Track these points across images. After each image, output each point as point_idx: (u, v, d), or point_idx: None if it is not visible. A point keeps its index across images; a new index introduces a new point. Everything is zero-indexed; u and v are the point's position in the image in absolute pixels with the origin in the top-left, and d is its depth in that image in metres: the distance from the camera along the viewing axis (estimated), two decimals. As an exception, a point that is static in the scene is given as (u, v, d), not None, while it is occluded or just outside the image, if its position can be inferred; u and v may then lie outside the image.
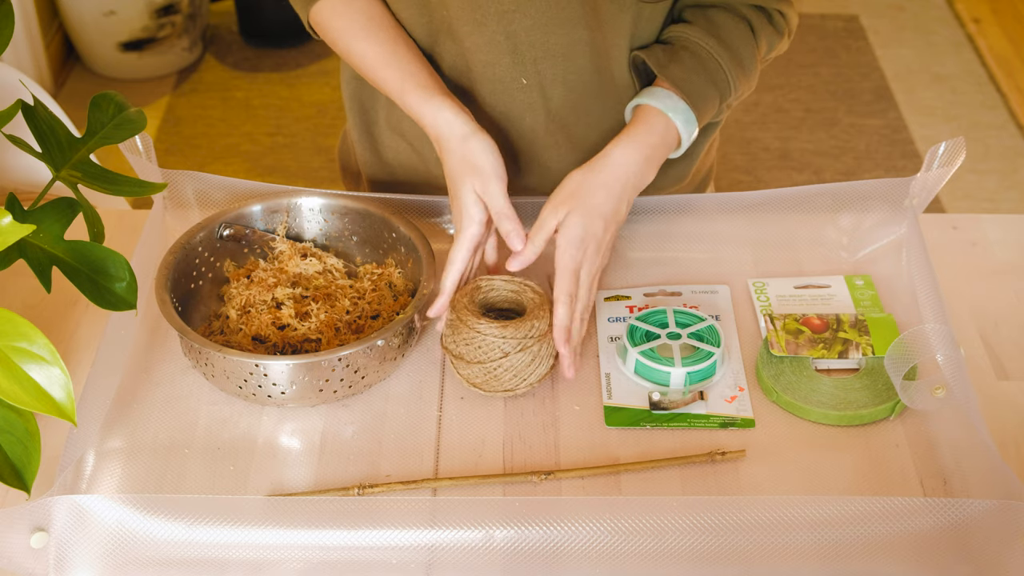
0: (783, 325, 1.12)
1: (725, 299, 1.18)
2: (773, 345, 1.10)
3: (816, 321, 1.12)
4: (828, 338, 1.10)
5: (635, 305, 1.17)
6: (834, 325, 1.12)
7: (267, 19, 3.28)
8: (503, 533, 0.93)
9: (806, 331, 1.11)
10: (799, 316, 1.13)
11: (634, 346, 1.09)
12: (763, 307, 1.17)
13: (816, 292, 1.18)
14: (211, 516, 0.93)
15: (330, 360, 1.02)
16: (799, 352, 1.09)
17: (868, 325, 1.12)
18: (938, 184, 1.19)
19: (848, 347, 1.10)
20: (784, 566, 0.93)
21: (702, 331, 1.11)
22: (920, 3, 3.59)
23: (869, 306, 1.16)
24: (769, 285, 1.19)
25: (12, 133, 1.03)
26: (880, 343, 1.10)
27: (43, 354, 0.85)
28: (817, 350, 1.09)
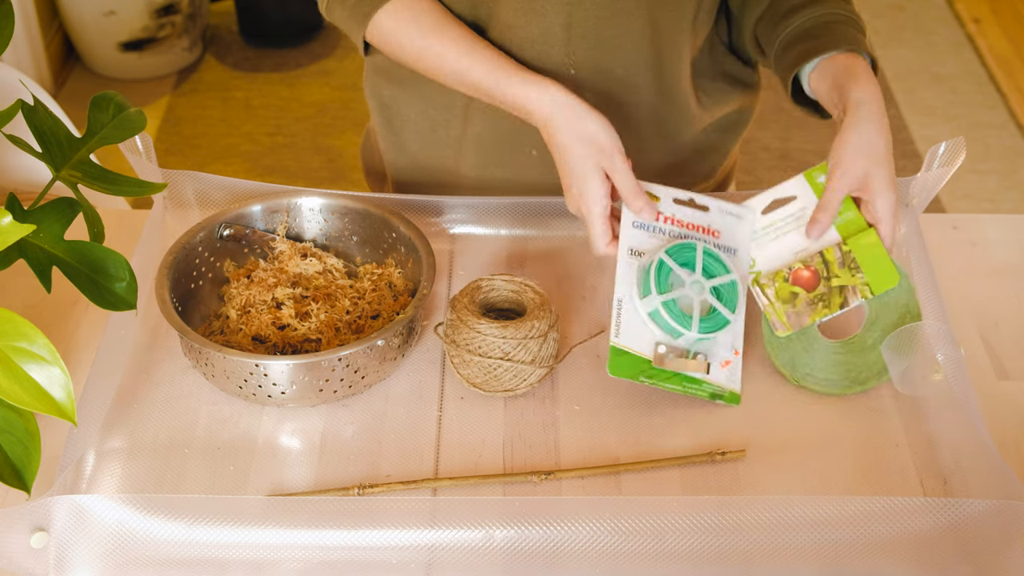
0: (776, 293, 1.07)
1: (748, 227, 1.12)
2: (776, 326, 1.07)
3: (805, 274, 1.07)
4: (824, 292, 1.06)
5: (662, 213, 1.10)
6: (823, 272, 1.07)
7: (267, 19, 3.28)
8: (503, 533, 0.93)
9: (800, 292, 1.07)
10: (787, 273, 1.08)
11: (660, 292, 1.05)
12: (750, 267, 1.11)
13: (787, 213, 1.11)
14: (211, 516, 0.93)
15: (330, 360, 1.02)
16: (801, 320, 1.06)
17: (855, 256, 1.07)
18: (938, 184, 1.19)
19: (846, 294, 1.06)
20: (784, 566, 0.93)
21: (723, 288, 1.06)
22: (920, 3, 3.59)
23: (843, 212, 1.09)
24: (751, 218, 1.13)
25: (12, 133, 1.03)
26: (875, 278, 1.06)
27: (43, 354, 0.85)
28: (818, 310, 1.06)
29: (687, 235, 1.10)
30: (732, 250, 1.10)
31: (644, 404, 1.08)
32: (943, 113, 3.11)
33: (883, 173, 1.05)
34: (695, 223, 1.10)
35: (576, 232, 1.26)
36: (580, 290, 1.20)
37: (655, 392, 1.09)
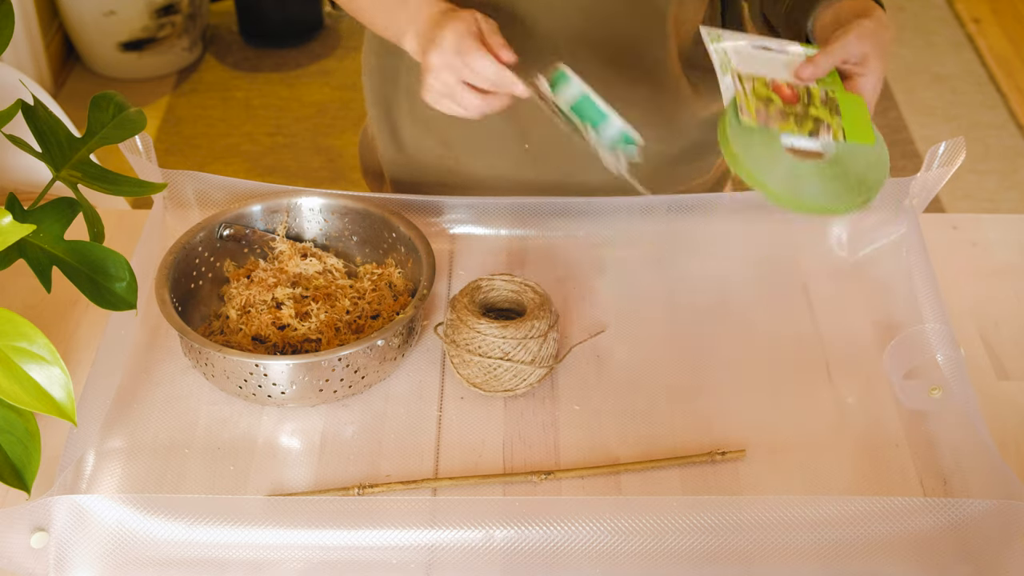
0: (753, 89, 1.00)
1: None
2: (743, 110, 0.99)
3: (786, 90, 1.02)
4: (799, 112, 1.00)
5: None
6: (805, 98, 1.01)
7: (267, 19, 3.28)
8: (503, 533, 0.93)
9: (776, 100, 1.01)
10: (768, 80, 1.02)
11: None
12: (721, 59, 1.04)
13: (774, 56, 1.06)
14: (211, 516, 0.93)
15: (330, 360, 1.02)
16: (769, 123, 0.99)
17: (839, 104, 1.02)
18: (938, 184, 1.19)
19: (819, 126, 1.00)
20: (784, 566, 0.93)
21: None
22: (920, 3, 3.59)
23: (830, 82, 1.05)
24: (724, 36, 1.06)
25: (12, 133, 1.03)
26: (852, 127, 1.01)
27: (43, 354, 0.85)
28: (788, 123, 0.99)
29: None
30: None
31: (644, 404, 1.08)
32: (943, 113, 3.11)
33: (879, 63, 1.04)
34: None
35: (576, 232, 1.26)
36: (580, 290, 1.20)
37: (655, 392, 1.09)
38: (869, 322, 1.17)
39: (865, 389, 1.09)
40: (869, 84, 1.04)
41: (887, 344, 1.07)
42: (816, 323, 1.17)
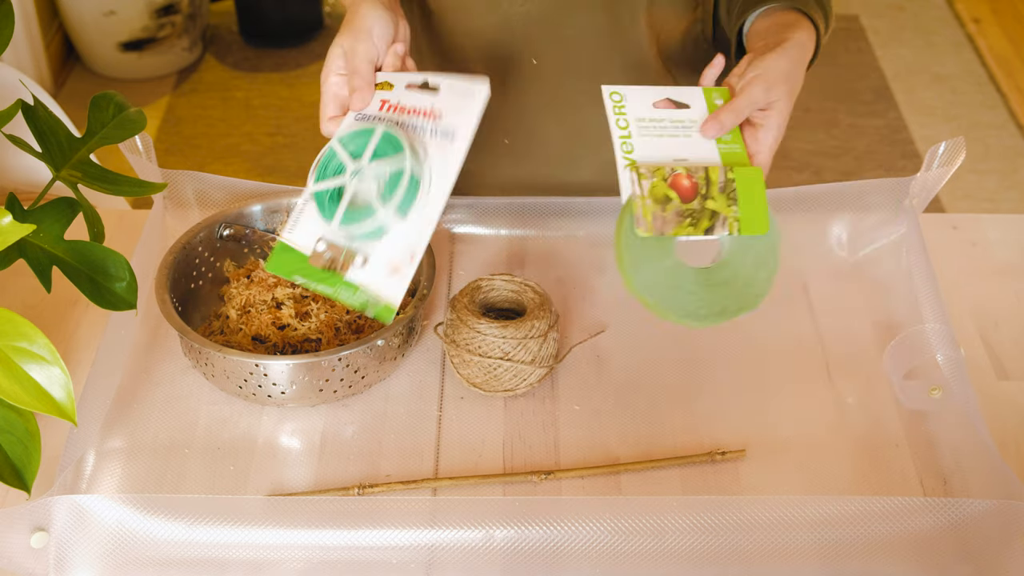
0: (651, 189, 0.98)
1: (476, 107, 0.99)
2: (639, 221, 0.97)
3: (685, 183, 0.99)
4: (696, 209, 0.98)
5: (388, 101, 1.01)
6: (703, 189, 0.99)
7: (267, 19, 3.28)
8: (503, 533, 0.93)
9: (675, 199, 0.98)
10: (667, 174, 0.98)
11: (318, 180, 0.96)
12: (624, 141, 1.01)
13: (676, 117, 1.03)
14: (211, 516, 0.93)
15: (330, 360, 1.02)
16: (665, 229, 0.97)
17: (738, 188, 0.99)
18: (938, 184, 1.19)
19: (715, 221, 0.98)
20: (784, 566, 0.93)
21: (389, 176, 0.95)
22: (920, 3, 3.59)
23: (729, 142, 1.02)
24: (628, 97, 1.03)
25: (12, 133, 1.03)
26: (747, 215, 0.99)
27: (43, 354, 0.85)
28: (683, 227, 0.97)
29: (401, 121, 1.00)
30: (450, 134, 0.99)
31: (644, 404, 1.08)
32: (943, 113, 3.11)
33: (786, 108, 1.02)
34: (417, 108, 1.00)
35: (576, 232, 1.26)
36: (580, 290, 1.20)
37: (655, 392, 1.09)
38: (869, 322, 1.17)
39: (865, 389, 1.09)
40: (770, 137, 1.02)
41: (887, 344, 1.07)
42: (816, 323, 1.17)
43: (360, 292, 0.96)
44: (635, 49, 1.20)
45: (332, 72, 1.02)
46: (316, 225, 0.97)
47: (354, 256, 0.96)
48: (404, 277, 0.95)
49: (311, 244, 0.97)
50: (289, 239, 0.98)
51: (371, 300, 0.95)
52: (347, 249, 0.96)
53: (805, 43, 1.05)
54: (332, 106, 1.03)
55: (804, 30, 1.06)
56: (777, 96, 1.00)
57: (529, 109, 1.24)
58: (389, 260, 0.96)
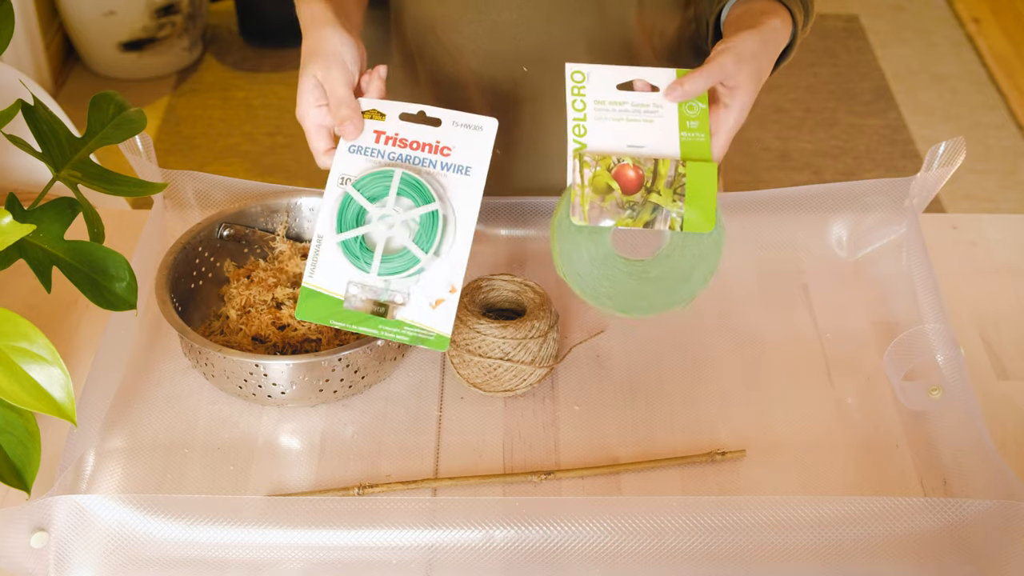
0: (592, 179, 0.97)
1: (488, 141, 1.00)
2: (575, 210, 0.97)
3: (631, 174, 0.98)
4: (638, 201, 0.97)
5: (384, 133, 1.00)
6: (648, 182, 0.98)
7: (267, 19, 3.28)
8: (503, 533, 0.93)
9: (616, 190, 0.97)
10: (613, 164, 0.98)
11: (341, 230, 0.97)
12: (576, 123, 1.00)
13: (641, 100, 1.00)
14: (211, 516, 0.93)
15: (330, 360, 1.02)
16: (601, 220, 0.97)
17: (687, 183, 0.98)
18: (938, 184, 1.19)
19: (657, 216, 0.97)
20: (784, 566, 0.93)
21: (420, 221, 0.97)
22: (920, 3, 3.59)
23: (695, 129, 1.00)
24: (591, 77, 1.01)
25: (12, 133, 1.03)
26: (693, 213, 0.98)
27: (43, 354, 0.85)
28: (623, 219, 0.97)
29: (408, 157, 0.99)
30: (464, 168, 0.99)
31: (644, 404, 1.08)
32: (943, 113, 3.11)
33: (751, 90, 1.00)
34: (423, 141, 1.00)
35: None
36: (580, 290, 1.20)
37: (655, 392, 1.09)
38: (869, 322, 1.17)
39: (865, 389, 1.09)
40: (731, 118, 1.00)
41: (887, 344, 1.07)
42: (816, 323, 1.17)
43: (407, 327, 0.97)
44: (627, 53, 1.20)
45: (311, 105, 1.00)
46: (341, 266, 0.98)
47: (393, 299, 0.97)
48: (449, 308, 0.97)
49: (340, 286, 0.98)
50: (312, 283, 0.98)
51: (421, 334, 0.97)
52: (385, 291, 0.97)
53: (779, 29, 1.04)
54: (321, 139, 1.01)
55: (779, 17, 1.05)
56: (745, 75, 0.99)
57: (523, 116, 1.24)
58: (430, 296, 0.97)
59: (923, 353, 1.05)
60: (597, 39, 1.18)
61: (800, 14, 1.08)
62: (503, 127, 1.25)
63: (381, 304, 0.97)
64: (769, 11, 1.05)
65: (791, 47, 1.10)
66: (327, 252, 0.98)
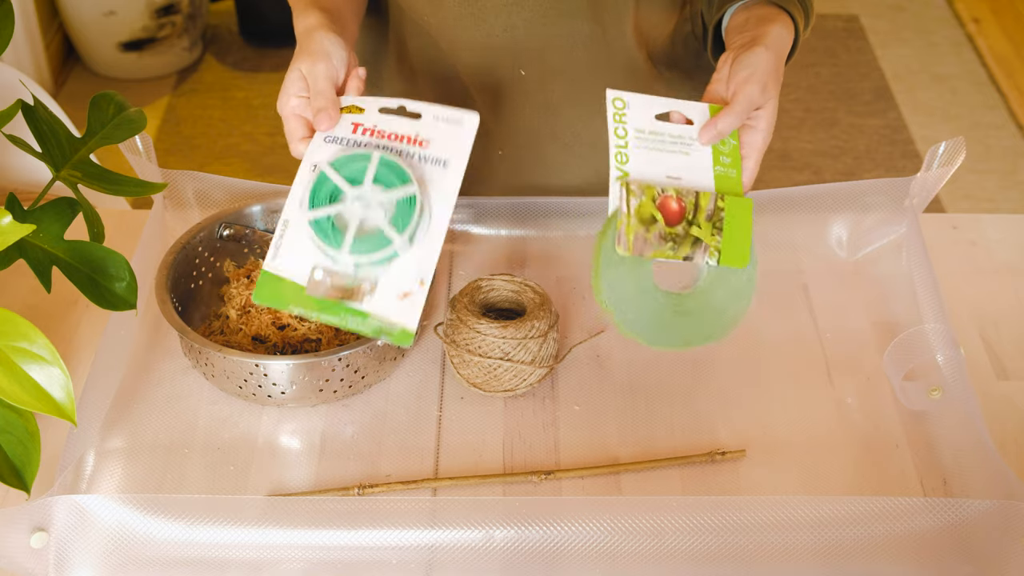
0: (638, 208, 0.96)
1: (468, 134, 0.98)
2: (620, 240, 0.96)
3: (674, 206, 0.97)
4: (679, 234, 0.97)
5: (362, 125, 0.99)
6: (690, 215, 0.97)
7: (267, 19, 3.28)
8: (503, 533, 0.93)
9: (660, 221, 0.97)
10: (657, 194, 0.97)
11: (312, 207, 0.94)
12: (619, 151, 0.99)
13: (677, 132, 1.01)
14: (211, 516, 0.93)
15: (330, 360, 1.02)
16: (645, 251, 0.96)
17: (726, 217, 0.99)
18: (938, 184, 1.19)
19: (696, 249, 0.97)
20: (784, 566, 0.93)
21: (397, 204, 0.94)
22: (920, 3, 3.59)
23: (728, 165, 1.01)
24: (631, 105, 1.00)
25: (12, 133, 1.03)
26: (729, 247, 0.98)
27: (43, 354, 0.85)
28: (664, 251, 0.97)
29: (386, 148, 0.98)
30: (442, 161, 0.97)
31: (644, 404, 1.08)
32: (943, 113, 3.11)
33: (775, 108, 1.01)
34: (401, 133, 0.98)
35: (576, 232, 1.26)
36: (580, 290, 1.20)
37: (655, 392, 1.09)
38: (869, 322, 1.17)
39: (865, 389, 1.09)
40: (759, 139, 1.01)
41: (887, 344, 1.07)
42: (816, 323, 1.17)
43: (371, 319, 0.93)
44: (623, 55, 1.20)
45: (292, 95, 1.00)
46: (306, 252, 0.94)
47: (360, 285, 0.94)
48: (416, 302, 0.93)
49: (304, 272, 0.94)
50: (274, 267, 0.94)
51: (384, 326, 0.93)
52: (353, 277, 0.94)
53: (783, 36, 1.04)
54: (299, 127, 1.01)
55: (782, 23, 1.05)
56: (769, 96, 1.00)
57: (522, 120, 1.24)
58: (398, 287, 0.94)
59: (923, 353, 1.05)
60: (593, 41, 1.18)
61: (801, 18, 1.08)
62: (503, 129, 1.25)
63: (347, 290, 0.93)
64: (771, 18, 1.05)
65: (793, 50, 1.11)
66: (292, 236, 0.94)
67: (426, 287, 0.94)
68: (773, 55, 1.01)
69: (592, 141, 1.25)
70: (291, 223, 0.95)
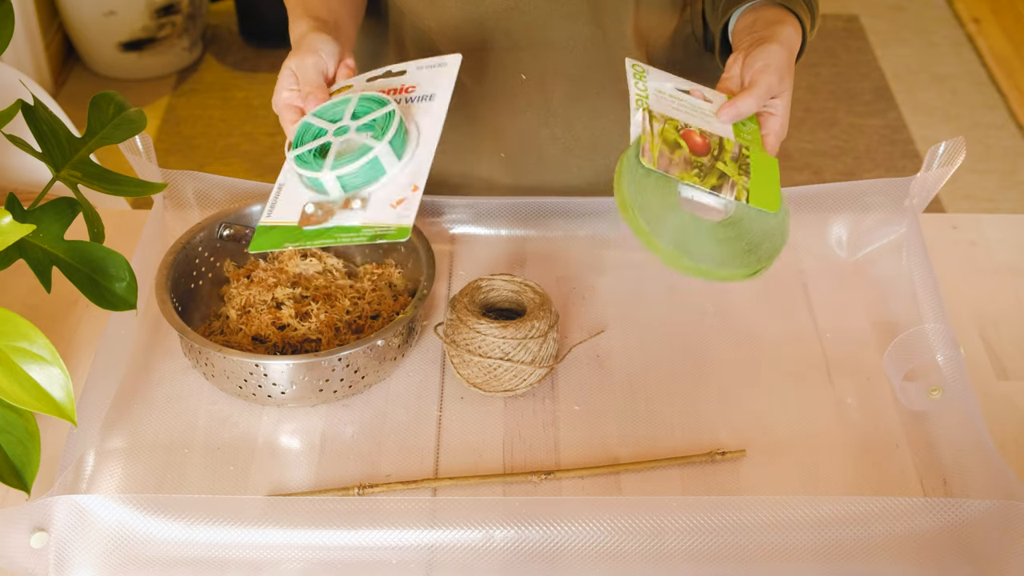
0: (662, 131, 0.95)
1: (452, 71, 0.99)
2: (644, 152, 0.94)
3: (698, 139, 0.96)
4: (706, 164, 0.96)
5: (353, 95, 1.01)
6: (715, 151, 0.96)
7: (267, 19, 3.28)
8: (503, 533, 0.93)
9: (684, 147, 0.95)
10: (680, 125, 0.97)
11: (295, 146, 0.95)
12: (639, 96, 0.99)
13: (695, 103, 1.02)
14: (211, 516, 0.93)
15: (330, 360, 1.02)
16: (670, 170, 0.94)
17: (751, 164, 0.98)
18: (938, 184, 1.19)
19: (724, 182, 0.96)
20: (784, 566, 0.93)
21: (375, 121, 0.94)
22: (920, 3, 3.59)
23: (750, 140, 1.01)
24: (650, 73, 1.02)
25: (12, 133, 1.03)
26: (758, 191, 0.97)
27: (43, 354, 0.85)
28: (690, 174, 0.95)
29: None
30: (428, 96, 0.98)
31: (644, 404, 1.08)
32: (943, 113, 3.11)
33: (790, 98, 1.04)
34: (387, 87, 1.01)
35: (576, 232, 1.26)
36: (580, 290, 1.20)
37: (655, 392, 1.09)
38: (869, 322, 1.17)
39: (865, 389, 1.09)
40: (776, 124, 1.03)
41: (887, 344, 1.07)
42: (816, 323, 1.17)
43: (365, 229, 0.91)
44: (623, 57, 1.20)
45: (283, 88, 1.04)
46: (299, 198, 0.95)
47: (351, 203, 0.92)
48: (411, 203, 0.90)
49: (296, 213, 0.95)
50: (269, 221, 0.95)
51: (379, 231, 0.90)
52: (341, 198, 0.93)
53: (793, 37, 1.06)
54: (291, 114, 1.03)
55: (791, 25, 1.07)
56: (786, 86, 1.02)
57: (523, 123, 1.24)
58: (391, 198, 0.92)
59: (923, 353, 1.05)
60: (593, 43, 1.18)
61: (808, 20, 1.09)
62: (503, 131, 1.25)
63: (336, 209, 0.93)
64: (780, 20, 1.06)
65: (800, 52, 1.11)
66: (286, 194, 0.96)
67: (420, 191, 0.91)
68: (786, 51, 1.03)
69: (593, 143, 1.25)
70: (284, 185, 0.97)
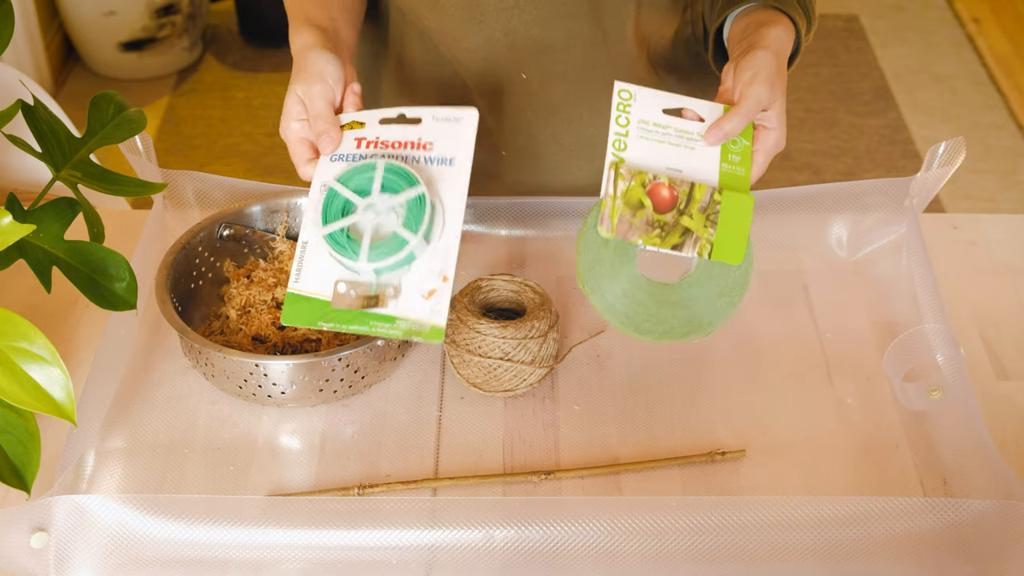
0: (626, 191, 0.95)
1: (469, 130, 0.99)
2: (603, 220, 0.95)
3: (664, 193, 0.96)
4: (669, 222, 0.96)
5: (365, 139, 1.00)
6: (682, 204, 0.96)
7: (267, 19, 3.28)
8: (503, 533, 0.93)
9: (648, 207, 0.95)
10: (648, 180, 0.96)
11: (326, 222, 0.95)
12: (617, 137, 0.98)
13: (684, 127, 1.00)
14: (211, 516, 0.93)
15: (330, 360, 1.02)
16: (629, 235, 0.95)
17: (722, 211, 0.97)
18: (938, 184, 1.19)
19: (687, 239, 0.96)
20: (784, 566, 0.93)
21: (407, 204, 0.95)
22: (920, 3, 3.59)
23: (738, 163, 0.99)
24: (637, 98, 1.00)
25: (12, 133, 1.03)
26: (723, 242, 0.96)
27: (43, 354, 0.85)
28: (651, 236, 0.95)
29: (390, 155, 0.99)
30: (448, 159, 0.98)
31: (644, 404, 1.08)
32: (943, 113, 3.11)
33: (783, 106, 1.01)
34: (404, 140, 0.99)
35: (576, 232, 1.26)
36: (580, 290, 1.20)
37: (655, 392, 1.09)
38: (869, 322, 1.17)
39: (865, 389, 1.09)
40: (771, 139, 1.01)
41: (887, 344, 1.07)
42: (816, 323, 1.17)
43: (400, 322, 0.93)
44: (623, 57, 1.20)
45: (293, 119, 1.01)
46: (328, 268, 0.95)
47: (384, 291, 0.94)
48: (442, 298, 0.93)
49: (327, 288, 0.95)
50: (298, 288, 0.95)
51: (414, 327, 0.93)
52: (375, 284, 0.94)
53: (783, 38, 1.04)
54: (304, 151, 1.01)
55: (780, 26, 1.05)
56: (777, 95, 1.00)
57: (523, 122, 1.24)
58: (421, 287, 0.94)
59: (923, 353, 1.05)
60: (594, 43, 1.18)
61: (802, 22, 1.08)
62: (504, 132, 1.26)
63: (372, 298, 0.94)
64: (770, 21, 1.05)
65: (795, 54, 1.10)
66: (313, 255, 0.96)
67: (450, 282, 0.94)
68: (773, 55, 1.01)
69: (593, 142, 1.25)
70: (310, 243, 0.96)
